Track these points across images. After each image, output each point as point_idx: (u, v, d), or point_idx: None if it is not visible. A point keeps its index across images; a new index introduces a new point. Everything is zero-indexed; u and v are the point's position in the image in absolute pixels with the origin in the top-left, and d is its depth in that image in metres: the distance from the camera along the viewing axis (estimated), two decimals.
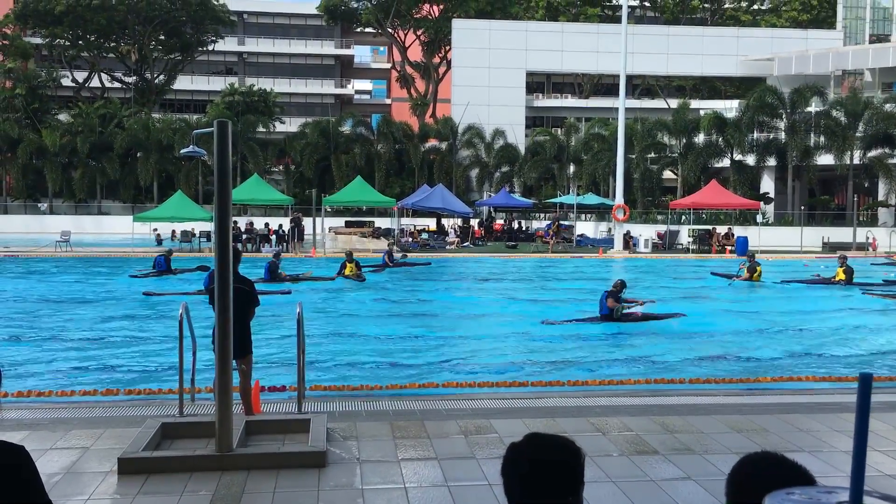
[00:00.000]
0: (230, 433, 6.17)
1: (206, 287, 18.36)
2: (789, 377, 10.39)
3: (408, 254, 30.18)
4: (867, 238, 39.38)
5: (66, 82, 59.52)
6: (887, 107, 43.71)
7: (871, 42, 59.99)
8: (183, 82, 66.02)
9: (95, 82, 61.59)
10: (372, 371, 11.22)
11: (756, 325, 16.01)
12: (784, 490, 0.89)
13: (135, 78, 61.44)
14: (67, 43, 59.05)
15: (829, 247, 38.01)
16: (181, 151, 34.53)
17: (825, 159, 45.00)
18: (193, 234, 36.61)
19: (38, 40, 59.22)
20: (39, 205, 52.24)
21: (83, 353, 12.34)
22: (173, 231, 39.65)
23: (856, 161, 44.11)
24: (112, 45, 60.50)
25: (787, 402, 8.50)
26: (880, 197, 46.64)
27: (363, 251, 32.54)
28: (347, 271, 22.75)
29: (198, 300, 16.43)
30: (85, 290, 20.86)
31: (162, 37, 60.93)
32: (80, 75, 61.47)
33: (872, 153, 43.92)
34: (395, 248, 31.16)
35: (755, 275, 23.93)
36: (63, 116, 54.61)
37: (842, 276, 22.66)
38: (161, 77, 62.53)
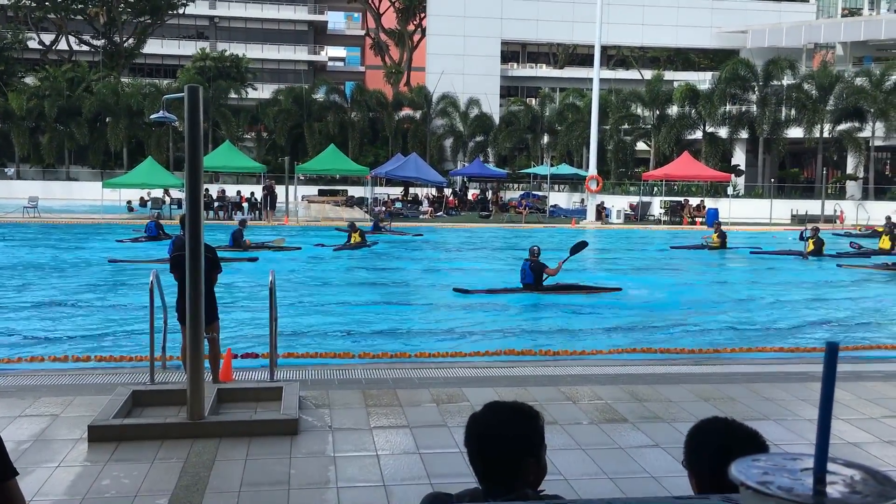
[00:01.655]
0: (202, 401, 6.16)
1: (170, 254, 18.26)
2: (757, 348, 10.56)
3: (385, 223, 30.05)
4: (835, 211, 39.94)
5: (33, 45, 58.14)
6: (858, 81, 44.11)
7: (843, 16, 60.32)
8: (153, 46, 64.69)
9: (63, 45, 60.21)
10: (345, 339, 11.24)
11: (725, 295, 16.23)
12: (750, 457, 0.91)
13: (103, 41, 60.12)
14: (34, 4, 57.56)
15: (798, 219, 38.53)
16: (151, 117, 34.02)
17: (795, 132, 45.44)
18: (164, 201, 36.21)
19: (3, 1, 57.72)
20: (6, 170, 51.26)
21: (52, 321, 12.22)
22: (142, 197, 39.21)
23: (825, 134, 44.56)
24: (80, 7, 59.05)
25: (754, 371, 8.66)
26: (849, 170, 47.24)
27: (337, 220, 32.42)
28: (352, 241, 23.12)
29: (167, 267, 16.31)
30: (54, 256, 20.61)
31: None
32: (48, 38, 60.09)
33: (842, 127, 44.37)
34: (383, 215, 31.03)
35: (725, 240, 25.24)
36: (30, 79, 53.42)
37: (811, 248, 23.05)
38: (130, 41, 61.25)
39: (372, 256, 22.12)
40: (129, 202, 38.75)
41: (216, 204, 34.44)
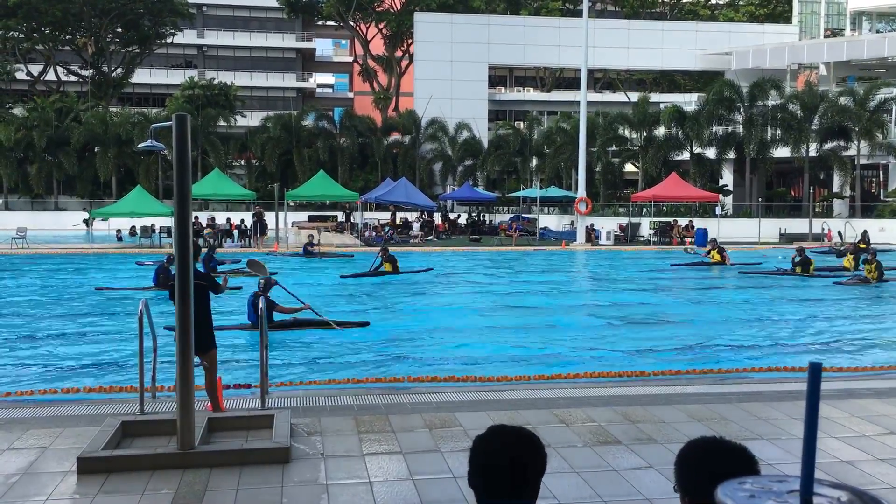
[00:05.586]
0: (192, 430, 6.11)
1: (155, 282, 18.18)
2: (751, 368, 10.56)
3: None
4: (823, 229, 40.18)
5: (21, 76, 58.28)
6: (842, 100, 44.52)
7: (825, 36, 61.06)
8: (141, 75, 64.99)
9: (51, 76, 60.36)
10: (336, 366, 11.18)
11: (718, 315, 16.25)
12: (736, 480, 0.91)
13: (91, 71, 60.29)
14: (21, 35, 57.71)
15: (787, 238, 38.79)
16: (139, 146, 34.01)
17: (782, 152, 45.78)
18: (153, 230, 36.13)
19: None
20: None
21: (41, 352, 12.12)
22: (133, 226, 39.12)
23: (811, 153, 44.90)
24: (68, 37, 59.26)
25: (747, 390, 8.65)
26: (835, 189, 47.54)
27: (327, 245, 32.38)
28: (388, 267, 22.63)
29: (155, 296, 16.32)
30: (43, 286, 20.48)
31: (119, 29, 59.83)
32: (35, 69, 60.22)
33: (827, 145, 44.73)
34: (313, 238, 30.40)
35: (724, 256, 26.06)
36: (18, 110, 53.41)
37: (798, 267, 23.25)
38: (119, 70, 61.45)
39: (359, 282, 21.93)
40: (118, 231, 38.64)
41: (205, 231, 34.37)
